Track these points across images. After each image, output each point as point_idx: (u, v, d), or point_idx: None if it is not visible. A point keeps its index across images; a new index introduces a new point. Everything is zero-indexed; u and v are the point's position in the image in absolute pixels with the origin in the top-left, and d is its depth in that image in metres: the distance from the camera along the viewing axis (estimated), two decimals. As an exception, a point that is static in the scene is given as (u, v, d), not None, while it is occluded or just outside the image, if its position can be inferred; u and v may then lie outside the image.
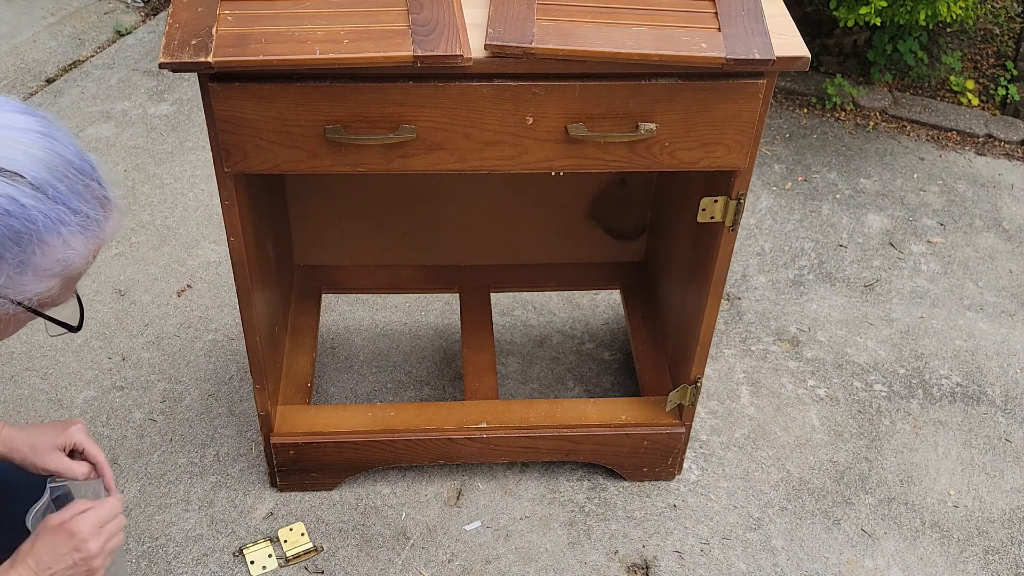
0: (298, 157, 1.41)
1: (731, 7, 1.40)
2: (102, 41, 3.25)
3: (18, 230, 0.99)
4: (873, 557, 1.88)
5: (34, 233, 1.00)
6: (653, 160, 1.45)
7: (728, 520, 1.93)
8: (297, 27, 1.33)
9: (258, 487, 1.93)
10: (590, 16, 1.38)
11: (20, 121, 1.02)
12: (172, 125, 2.87)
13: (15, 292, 1.03)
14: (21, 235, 0.99)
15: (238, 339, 2.21)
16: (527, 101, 1.37)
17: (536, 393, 2.16)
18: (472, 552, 1.85)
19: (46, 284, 1.05)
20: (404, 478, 1.96)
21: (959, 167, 2.90)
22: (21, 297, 1.04)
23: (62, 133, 1.05)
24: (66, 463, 1.40)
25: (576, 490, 1.96)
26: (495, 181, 2.04)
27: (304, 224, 2.08)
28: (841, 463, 2.05)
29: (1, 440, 1.39)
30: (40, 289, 1.05)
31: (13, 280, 1.02)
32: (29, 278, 1.03)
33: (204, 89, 1.34)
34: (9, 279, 1.01)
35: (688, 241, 1.80)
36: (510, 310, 2.35)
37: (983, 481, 2.03)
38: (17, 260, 1.01)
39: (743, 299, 2.41)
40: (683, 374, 1.83)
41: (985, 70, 3.24)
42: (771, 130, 2.98)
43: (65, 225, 1.02)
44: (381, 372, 2.18)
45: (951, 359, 2.29)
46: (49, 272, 1.04)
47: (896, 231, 2.64)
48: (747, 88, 1.39)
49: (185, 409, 2.07)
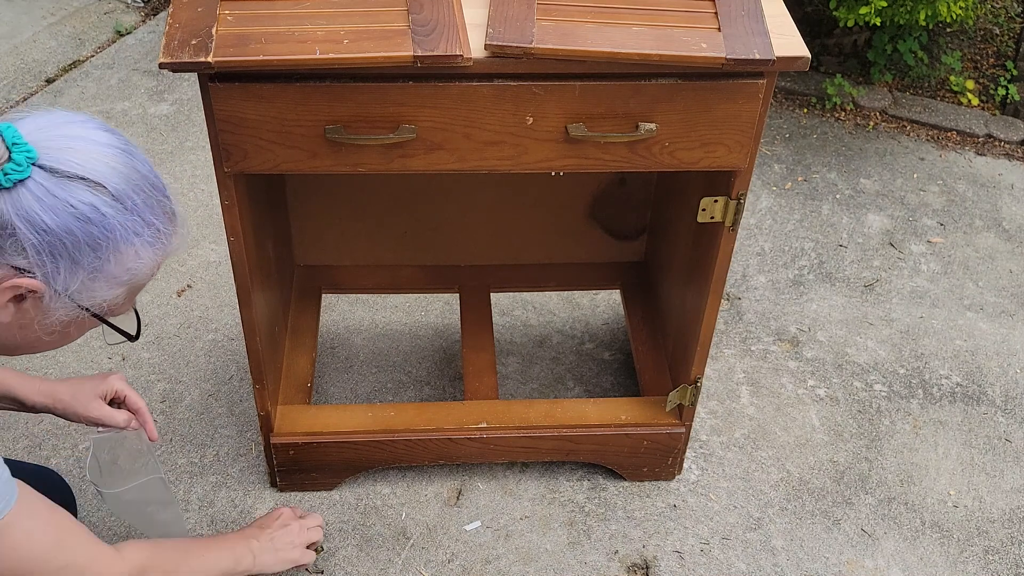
0: (298, 157, 1.41)
1: (731, 7, 1.40)
2: (102, 41, 3.25)
3: (96, 237, 1.05)
4: (873, 557, 1.88)
5: (111, 241, 1.06)
6: (653, 160, 1.45)
7: (728, 520, 1.93)
8: (297, 27, 1.33)
9: (258, 487, 1.93)
10: (590, 16, 1.38)
11: (102, 137, 1.07)
12: (172, 125, 2.87)
13: (86, 297, 1.09)
14: (99, 242, 1.05)
15: (238, 339, 2.21)
16: (527, 101, 1.37)
17: (536, 393, 2.16)
18: (472, 552, 1.85)
19: (114, 292, 1.11)
20: (404, 478, 1.96)
21: (959, 167, 2.90)
22: (90, 303, 1.10)
23: (138, 151, 1.12)
24: (108, 411, 1.51)
25: (576, 490, 1.96)
26: (495, 181, 2.04)
27: (304, 224, 2.08)
28: (841, 463, 2.05)
29: (43, 392, 1.50)
30: (108, 296, 1.11)
31: (85, 286, 1.07)
32: (100, 285, 1.09)
33: (204, 89, 1.34)
34: (82, 284, 1.07)
35: (688, 241, 1.80)
36: (510, 310, 2.35)
37: (983, 481, 2.03)
38: (92, 266, 1.07)
39: (743, 299, 2.41)
40: (683, 374, 1.83)
41: (985, 70, 3.24)
42: (771, 130, 2.98)
43: (139, 236, 1.08)
44: (381, 372, 2.18)
45: (951, 359, 2.29)
46: (118, 280, 1.10)
47: (896, 231, 2.65)
48: (747, 88, 1.39)
49: (185, 409, 2.07)
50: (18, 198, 1.01)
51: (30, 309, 1.09)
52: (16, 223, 1.01)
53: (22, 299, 1.08)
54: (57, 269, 1.05)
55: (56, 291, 1.07)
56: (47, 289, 1.06)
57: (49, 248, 1.03)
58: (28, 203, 1.01)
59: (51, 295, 1.07)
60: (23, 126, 1.05)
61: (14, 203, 1.01)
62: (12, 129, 1.03)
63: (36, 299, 1.08)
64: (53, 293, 1.07)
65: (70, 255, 1.04)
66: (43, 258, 1.03)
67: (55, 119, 1.07)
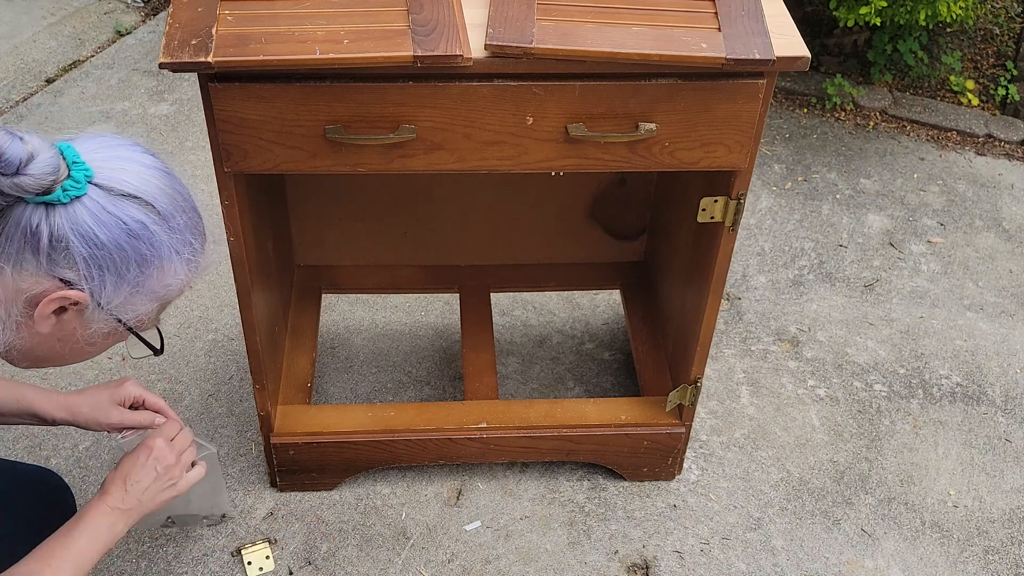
0: (298, 157, 1.41)
1: (731, 7, 1.40)
2: (102, 41, 3.25)
3: (144, 253, 1.09)
4: (873, 557, 1.88)
5: (156, 258, 1.11)
6: (653, 160, 1.45)
7: (728, 520, 1.93)
8: (297, 27, 1.33)
9: (258, 487, 1.93)
10: (590, 16, 1.38)
11: (148, 160, 1.13)
12: (172, 125, 2.87)
13: (123, 311, 1.13)
14: (145, 258, 1.10)
15: (238, 339, 2.21)
16: (527, 101, 1.37)
17: (536, 393, 2.16)
18: (472, 552, 1.85)
19: (148, 307, 1.15)
20: (404, 478, 1.96)
21: (959, 167, 2.90)
22: (126, 316, 1.14)
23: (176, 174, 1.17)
24: (131, 415, 1.54)
25: (576, 490, 1.96)
26: (495, 181, 2.04)
27: (304, 224, 2.08)
28: (841, 463, 2.05)
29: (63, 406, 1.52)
30: (142, 311, 1.15)
31: (126, 300, 1.12)
32: (139, 300, 1.13)
33: (204, 89, 1.34)
34: (124, 299, 1.11)
35: (688, 241, 1.80)
36: (510, 310, 2.35)
37: (983, 481, 2.03)
38: (135, 281, 1.11)
39: (743, 299, 2.41)
40: (683, 374, 1.83)
41: (985, 70, 3.24)
42: (771, 130, 2.98)
43: (179, 255, 1.13)
44: (381, 372, 2.18)
45: (951, 359, 2.29)
46: (155, 295, 1.15)
47: (896, 231, 2.64)
48: (747, 88, 1.39)
49: (185, 409, 2.07)
50: (74, 213, 1.05)
51: (70, 321, 1.12)
52: (71, 237, 1.05)
53: (63, 311, 1.11)
54: (103, 283, 1.08)
55: (99, 304, 1.10)
56: (91, 302, 1.10)
57: (98, 262, 1.07)
58: (83, 218, 1.05)
59: (93, 308, 1.11)
60: (78, 146, 1.10)
61: (70, 218, 1.05)
62: (71, 148, 1.08)
63: (77, 312, 1.11)
64: (95, 306, 1.10)
65: (117, 269, 1.08)
66: (92, 271, 1.07)
67: (106, 141, 1.12)
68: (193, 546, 1.83)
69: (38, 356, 1.17)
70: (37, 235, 1.05)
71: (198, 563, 1.80)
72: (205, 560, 1.81)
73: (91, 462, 1.95)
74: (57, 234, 1.05)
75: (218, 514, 1.83)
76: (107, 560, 1.79)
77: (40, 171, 1.03)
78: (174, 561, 1.81)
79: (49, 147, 1.05)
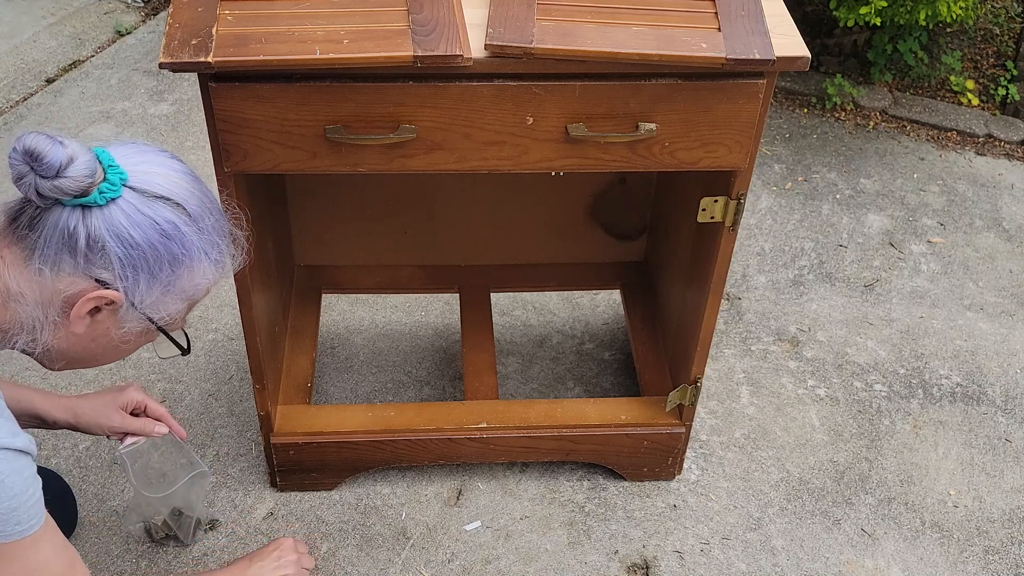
0: (298, 157, 1.41)
1: (731, 7, 1.40)
2: (102, 41, 3.25)
3: (176, 253, 1.12)
4: (873, 557, 1.88)
5: (187, 258, 1.14)
6: (653, 160, 1.45)
7: (728, 520, 1.93)
8: (297, 27, 1.33)
9: (258, 487, 1.93)
10: (590, 16, 1.38)
11: (177, 165, 1.16)
12: (172, 125, 2.87)
13: (155, 310, 1.16)
14: (177, 258, 1.13)
15: (238, 339, 2.21)
16: (527, 101, 1.37)
17: (536, 393, 2.16)
18: (472, 552, 1.85)
19: (178, 307, 1.18)
20: (404, 478, 1.96)
21: (959, 167, 2.90)
22: (157, 315, 1.17)
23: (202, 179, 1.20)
24: (135, 422, 1.58)
25: (576, 490, 1.96)
26: (495, 181, 2.04)
27: (304, 224, 2.08)
28: (841, 463, 2.05)
29: (65, 408, 1.56)
30: (172, 311, 1.18)
31: (159, 299, 1.15)
32: (170, 299, 1.16)
33: (204, 89, 1.34)
34: (156, 298, 1.15)
35: (688, 241, 1.80)
36: (510, 310, 2.35)
37: (983, 481, 2.03)
38: (167, 281, 1.14)
39: (743, 299, 2.41)
40: (683, 374, 1.83)
41: (985, 70, 3.24)
42: (771, 130, 2.98)
43: (208, 256, 1.16)
44: (381, 372, 2.18)
45: (951, 359, 2.29)
46: (185, 295, 1.17)
47: (896, 231, 2.65)
48: (747, 88, 1.39)
49: (185, 409, 2.07)
50: (109, 215, 1.08)
51: (104, 320, 1.15)
52: (106, 238, 1.08)
53: (97, 311, 1.14)
54: (137, 282, 1.11)
55: (132, 303, 1.13)
56: (125, 301, 1.12)
57: (133, 261, 1.10)
58: (118, 219, 1.09)
59: (127, 307, 1.14)
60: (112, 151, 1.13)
61: (106, 219, 1.08)
62: (107, 153, 1.11)
63: (111, 311, 1.14)
64: (129, 306, 1.13)
65: (150, 269, 1.11)
66: (127, 271, 1.10)
67: (136, 147, 1.15)
68: (193, 546, 1.83)
69: (72, 356, 1.19)
70: (75, 236, 1.08)
71: (198, 563, 1.80)
72: (205, 560, 1.81)
73: (91, 462, 1.95)
74: (94, 235, 1.08)
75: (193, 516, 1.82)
76: (107, 560, 1.79)
77: (79, 173, 1.05)
78: (174, 561, 1.81)
79: (87, 151, 1.08)
